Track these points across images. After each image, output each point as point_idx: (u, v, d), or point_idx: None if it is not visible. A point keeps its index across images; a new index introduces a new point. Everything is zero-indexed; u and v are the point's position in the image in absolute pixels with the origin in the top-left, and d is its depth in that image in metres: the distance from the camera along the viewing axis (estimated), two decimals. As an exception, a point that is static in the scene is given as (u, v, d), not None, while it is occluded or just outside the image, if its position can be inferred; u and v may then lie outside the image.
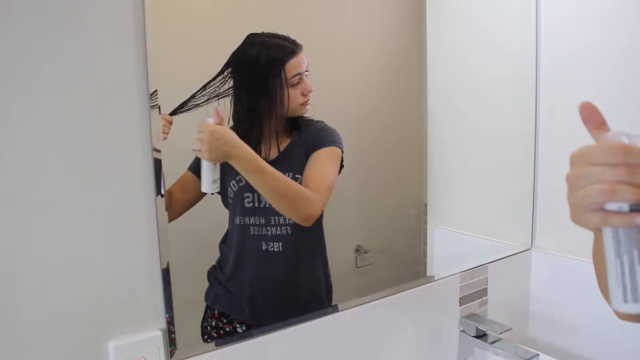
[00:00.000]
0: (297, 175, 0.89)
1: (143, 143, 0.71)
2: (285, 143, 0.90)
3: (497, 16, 1.27)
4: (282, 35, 0.86)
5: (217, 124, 0.79)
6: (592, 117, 0.49)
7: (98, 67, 0.67)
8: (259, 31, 0.84)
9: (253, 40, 0.83)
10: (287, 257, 0.91)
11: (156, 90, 0.71)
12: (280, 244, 0.89)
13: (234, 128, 0.83)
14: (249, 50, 0.83)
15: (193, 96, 0.79)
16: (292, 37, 0.87)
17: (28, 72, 0.62)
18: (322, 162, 0.91)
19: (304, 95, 0.88)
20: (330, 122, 0.94)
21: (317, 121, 0.92)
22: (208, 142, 0.79)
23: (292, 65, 0.85)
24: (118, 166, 0.70)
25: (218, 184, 0.81)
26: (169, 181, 0.75)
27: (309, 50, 0.92)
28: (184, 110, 0.78)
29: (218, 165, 0.81)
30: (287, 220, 0.89)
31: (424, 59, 1.12)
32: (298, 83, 0.87)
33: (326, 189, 0.90)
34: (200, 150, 0.79)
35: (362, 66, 1.03)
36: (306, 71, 0.88)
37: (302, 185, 0.89)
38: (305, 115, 0.91)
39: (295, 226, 0.89)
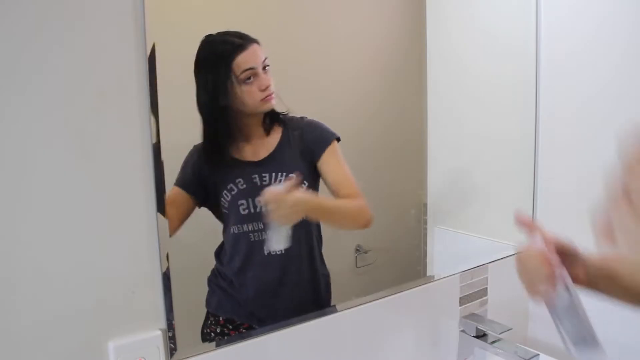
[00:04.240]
0: (290, 174, 0.88)
1: (143, 144, 0.71)
2: (272, 142, 0.90)
3: (497, 17, 1.27)
4: (232, 32, 0.82)
5: (290, 188, 0.83)
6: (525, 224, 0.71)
7: (98, 66, 0.67)
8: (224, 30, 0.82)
9: (205, 41, 0.80)
10: (289, 257, 0.90)
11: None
12: None
13: (205, 130, 0.82)
14: (202, 52, 0.80)
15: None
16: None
17: (27, 71, 0.62)
18: (338, 166, 0.94)
19: (262, 90, 0.84)
20: (330, 123, 0.94)
21: (302, 117, 0.91)
22: (290, 213, 0.85)
23: (242, 60, 0.82)
24: (118, 167, 0.70)
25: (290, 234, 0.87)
26: (169, 180, 0.75)
27: (309, 50, 0.92)
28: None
29: None
30: None
31: (424, 59, 1.12)
32: (252, 79, 0.83)
33: (358, 189, 0.95)
34: (282, 220, 0.85)
35: (362, 67, 1.03)
36: (265, 66, 0.84)
37: (332, 192, 0.93)
38: (284, 111, 0.89)
39: (295, 226, 0.89)
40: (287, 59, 0.91)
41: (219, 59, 0.81)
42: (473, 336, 1.09)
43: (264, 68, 0.84)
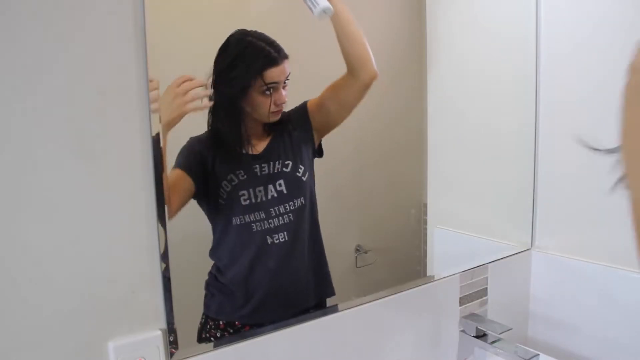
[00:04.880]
0: (286, 162, 0.90)
1: (143, 143, 0.71)
2: (268, 137, 0.91)
3: (497, 15, 1.27)
4: (269, 39, 0.84)
5: None
6: None
7: (98, 66, 0.67)
8: (254, 29, 0.83)
9: (240, 38, 0.82)
10: (293, 244, 0.91)
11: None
12: (285, 233, 0.90)
13: (214, 122, 0.83)
14: (233, 47, 0.82)
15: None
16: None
17: (27, 71, 0.62)
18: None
19: (276, 105, 0.87)
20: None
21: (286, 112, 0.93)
22: None
23: (270, 75, 0.84)
24: (118, 167, 0.70)
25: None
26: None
27: (309, 50, 0.92)
28: None
29: None
30: (287, 208, 0.90)
31: (424, 58, 1.12)
32: (271, 91, 0.85)
33: None
34: None
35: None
36: (286, 80, 0.86)
37: (336, 85, 0.93)
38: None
39: (296, 212, 0.90)
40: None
41: (250, 66, 0.83)
42: (473, 336, 1.09)
43: (284, 82, 0.86)
